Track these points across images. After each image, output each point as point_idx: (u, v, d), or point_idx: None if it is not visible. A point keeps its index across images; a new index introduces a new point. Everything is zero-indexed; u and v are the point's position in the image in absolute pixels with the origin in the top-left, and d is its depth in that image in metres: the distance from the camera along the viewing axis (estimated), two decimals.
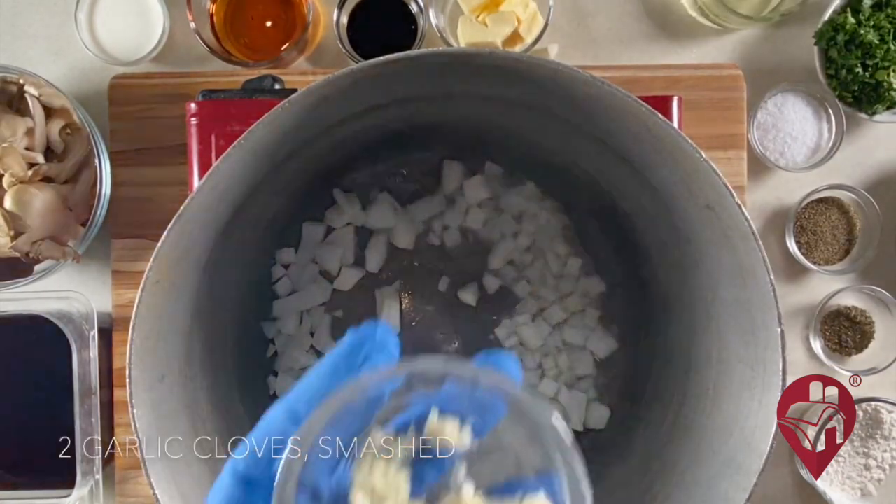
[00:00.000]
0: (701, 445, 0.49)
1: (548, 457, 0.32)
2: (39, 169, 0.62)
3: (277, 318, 0.66)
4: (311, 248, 0.66)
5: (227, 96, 0.56)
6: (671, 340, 0.58)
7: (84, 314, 0.64)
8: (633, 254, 0.63)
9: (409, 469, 0.32)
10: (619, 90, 0.42)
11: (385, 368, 0.32)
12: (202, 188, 0.42)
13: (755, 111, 0.68)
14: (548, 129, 0.55)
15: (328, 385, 0.31)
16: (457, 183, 0.66)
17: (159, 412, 0.45)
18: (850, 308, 0.71)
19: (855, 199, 0.70)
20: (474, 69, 0.47)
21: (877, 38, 0.65)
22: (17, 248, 0.61)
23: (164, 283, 0.44)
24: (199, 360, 0.52)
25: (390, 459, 0.32)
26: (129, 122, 0.67)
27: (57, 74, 0.69)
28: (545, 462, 0.32)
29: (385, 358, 0.32)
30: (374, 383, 0.31)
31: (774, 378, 0.42)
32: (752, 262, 0.43)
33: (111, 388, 0.67)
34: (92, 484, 0.63)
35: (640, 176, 0.52)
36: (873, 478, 0.68)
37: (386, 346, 0.33)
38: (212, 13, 0.67)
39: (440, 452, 0.33)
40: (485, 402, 0.33)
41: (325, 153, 0.57)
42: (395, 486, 0.31)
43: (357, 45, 0.66)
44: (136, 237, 0.67)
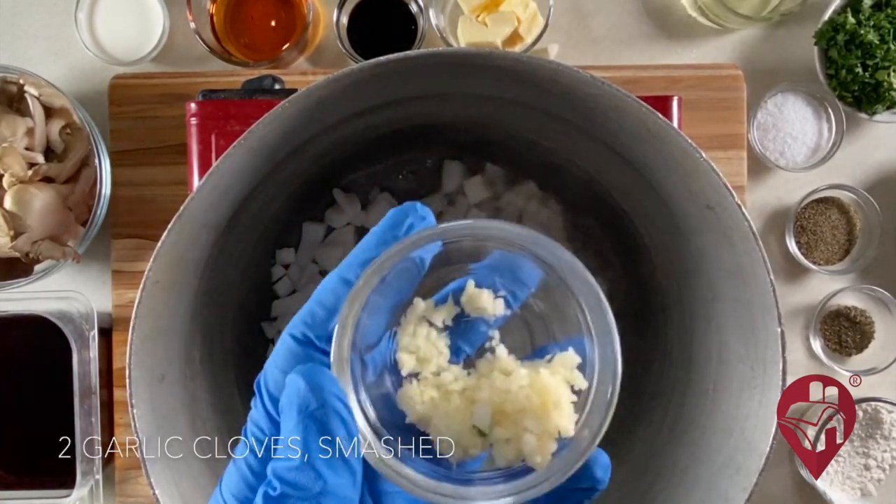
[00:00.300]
0: (701, 445, 0.49)
1: (576, 322, 0.34)
2: (39, 169, 0.62)
3: (277, 318, 0.66)
4: (311, 248, 0.66)
5: (227, 96, 0.56)
6: (671, 340, 0.58)
7: (84, 314, 0.64)
8: (633, 254, 0.63)
9: (448, 337, 0.35)
10: (619, 90, 0.42)
11: (427, 229, 0.33)
12: (202, 188, 0.42)
13: (755, 111, 0.68)
14: (548, 128, 0.55)
15: (375, 253, 0.33)
16: (457, 183, 0.66)
17: (159, 412, 0.45)
18: (850, 308, 0.71)
19: (855, 199, 0.70)
20: (474, 69, 0.47)
21: (877, 38, 0.65)
22: (17, 248, 0.61)
23: (164, 283, 0.44)
24: (199, 360, 0.52)
25: (432, 325, 0.34)
26: (129, 122, 0.67)
27: (57, 74, 0.69)
28: (574, 328, 0.34)
29: (427, 227, 0.34)
30: (418, 243, 0.32)
31: (774, 378, 0.42)
32: (752, 262, 0.43)
33: (111, 388, 0.67)
34: (92, 484, 0.63)
35: (640, 176, 0.52)
36: (873, 478, 0.68)
37: (427, 216, 0.34)
38: (212, 13, 0.67)
39: (477, 319, 0.35)
40: (517, 275, 0.35)
41: (325, 153, 0.57)
42: (437, 349, 0.34)
43: (357, 45, 0.66)
44: (136, 237, 0.67)
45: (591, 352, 0.34)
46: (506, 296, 0.35)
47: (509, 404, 0.33)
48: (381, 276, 0.32)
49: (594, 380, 0.33)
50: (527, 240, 0.33)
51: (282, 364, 0.33)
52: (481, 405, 0.33)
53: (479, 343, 0.36)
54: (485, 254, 0.36)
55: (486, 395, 0.33)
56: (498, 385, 0.33)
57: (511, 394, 0.33)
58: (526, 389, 0.32)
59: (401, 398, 0.34)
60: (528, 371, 0.33)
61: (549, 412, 0.32)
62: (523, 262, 0.35)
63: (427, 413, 0.33)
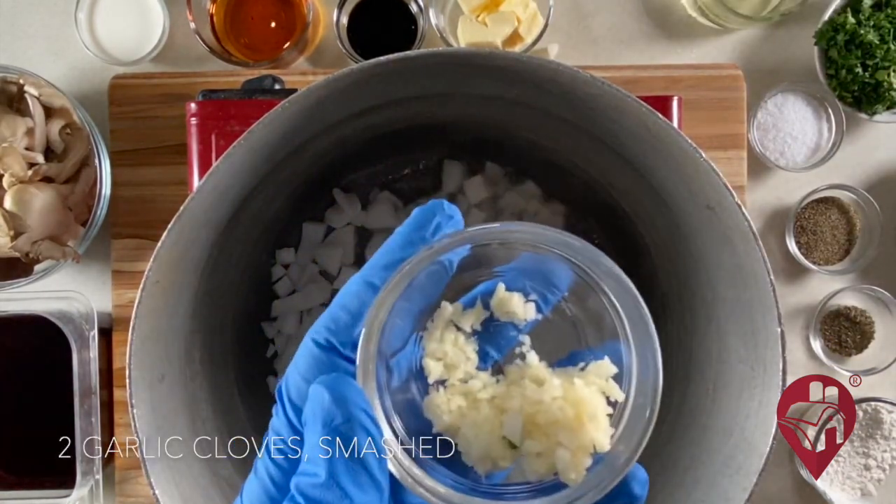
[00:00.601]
0: (701, 445, 0.49)
1: (612, 328, 0.32)
2: (39, 169, 0.62)
3: (277, 318, 0.66)
4: (311, 248, 0.66)
5: (227, 96, 0.56)
6: (671, 340, 0.58)
7: (84, 314, 0.64)
8: (633, 254, 0.63)
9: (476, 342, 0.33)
10: (619, 90, 0.42)
11: (457, 232, 0.32)
12: (202, 188, 0.42)
13: (755, 111, 0.68)
14: (548, 128, 0.55)
15: (401, 255, 0.32)
16: (457, 183, 0.66)
17: (159, 412, 0.45)
18: (850, 308, 0.71)
19: (855, 199, 0.70)
20: (474, 69, 0.47)
21: (877, 38, 0.65)
22: (17, 248, 0.61)
23: (164, 283, 0.44)
24: (199, 360, 0.52)
25: (460, 330, 0.33)
26: (129, 122, 0.67)
27: (57, 74, 0.69)
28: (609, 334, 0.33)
29: (454, 226, 0.33)
30: (447, 248, 0.31)
31: (774, 378, 0.42)
32: (752, 262, 0.42)
33: (111, 388, 0.67)
34: (92, 484, 0.63)
35: (640, 176, 0.52)
36: (873, 478, 0.68)
37: (454, 215, 0.33)
38: (212, 13, 0.67)
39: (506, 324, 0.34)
40: (548, 278, 0.34)
41: (325, 153, 0.57)
42: (465, 354, 0.33)
43: (357, 45, 0.66)
44: (136, 237, 0.67)
45: (627, 360, 0.32)
46: (536, 299, 0.34)
47: (541, 415, 0.31)
48: (408, 281, 0.31)
49: (631, 391, 0.32)
50: (560, 244, 0.32)
51: (304, 371, 0.32)
52: (512, 415, 0.31)
53: (508, 348, 0.35)
54: (513, 255, 0.35)
55: (516, 405, 0.31)
56: (529, 395, 0.31)
57: (543, 405, 0.31)
58: (559, 401, 0.31)
59: (427, 407, 0.32)
60: (561, 381, 0.32)
61: (584, 425, 0.31)
62: (554, 265, 0.34)
63: (455, 423, 0.32)
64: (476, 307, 0.34)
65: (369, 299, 0.31)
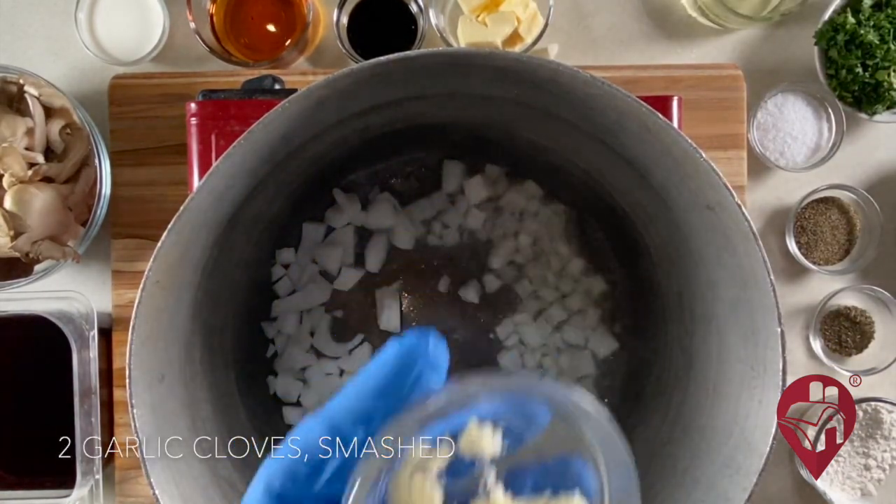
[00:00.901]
0: (701, 445, 0.49)
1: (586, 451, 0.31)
2: (39, 169, 0.62)
3: (277, 318, 0.66)
4: (311, 248, 0.66)
5: (227, 96, 0.56)
6: (671, 340, 0.58)
7: (84, 314, 0.64)
8: (633, 254, 0.63)
9: (442, 481, 0.31)
10: (619, 90, 0.42)
11: (444, 395, 0.29)
12: (202, 188, 0.42)
13: (755, 111, 0.68)
14: (548, 128, 0.55)
15: (374, 405, 0.29)
16: (457, 183, 0.66)
17: (159, 412, 0.45)
18: (850, 308, 0.71)
19: (855, 199, 0.70)
20: (474, 69, 0.47)
21: (877, 38, 0.65)
22: (17, 248, 0.61)
23: (164, 283, 0.44)
24: (199, 360, 0.52)
25: (426, 473, 0.31)
26: (129, 122, 0.67)
27: (57, 74, 0.69)
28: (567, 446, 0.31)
29: (437, 378, 0.30)
30: (425, 421, 0.29)
31: (774, 378, 0.42)
32: (752, 262, 0.42)
33: (111, 388, 0.67)
34: (92, 484, 0.63)
35: (640, 176, 0.52)
36: (873, 478, 0.68)
37: (438, 364, 0.30)
38: (212, 13, 0.67)
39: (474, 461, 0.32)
40: (526, 412, 0.32)
41: (325, 153, 0.57)
42: (430, 500, 0.31)
43: (357, 45, 0.66)
44: (136, 237, 0.67)
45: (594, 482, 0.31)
46: (511, 430, 0.32)
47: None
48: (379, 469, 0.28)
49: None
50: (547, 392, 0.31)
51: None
52: None
53: (471, 474, 0.32)
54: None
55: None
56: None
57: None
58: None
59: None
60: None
61: None
62: (533, 403, 0.32)
63: None
64: (444, 446, 0.32)
65: (332, 447, 0.29)
